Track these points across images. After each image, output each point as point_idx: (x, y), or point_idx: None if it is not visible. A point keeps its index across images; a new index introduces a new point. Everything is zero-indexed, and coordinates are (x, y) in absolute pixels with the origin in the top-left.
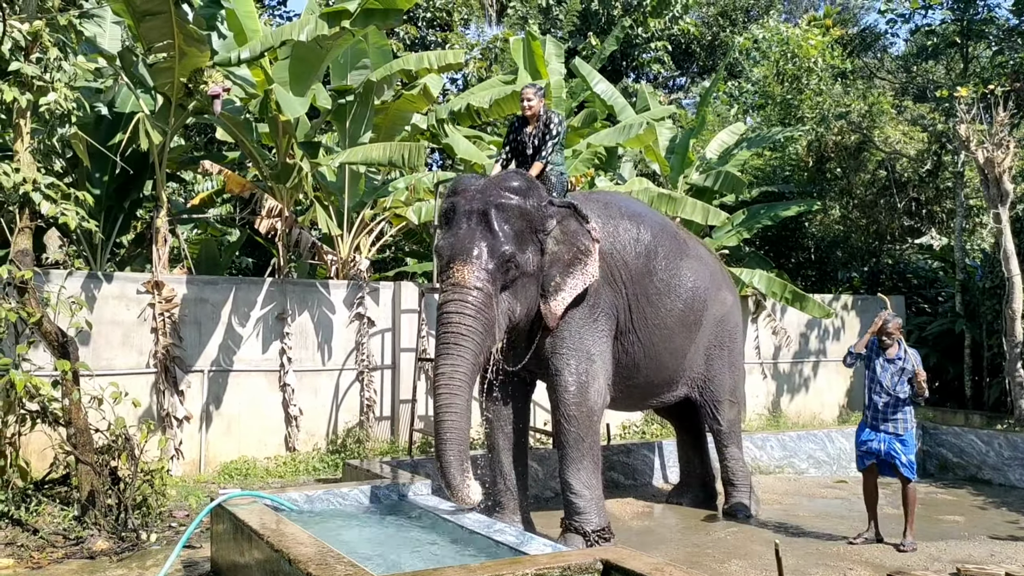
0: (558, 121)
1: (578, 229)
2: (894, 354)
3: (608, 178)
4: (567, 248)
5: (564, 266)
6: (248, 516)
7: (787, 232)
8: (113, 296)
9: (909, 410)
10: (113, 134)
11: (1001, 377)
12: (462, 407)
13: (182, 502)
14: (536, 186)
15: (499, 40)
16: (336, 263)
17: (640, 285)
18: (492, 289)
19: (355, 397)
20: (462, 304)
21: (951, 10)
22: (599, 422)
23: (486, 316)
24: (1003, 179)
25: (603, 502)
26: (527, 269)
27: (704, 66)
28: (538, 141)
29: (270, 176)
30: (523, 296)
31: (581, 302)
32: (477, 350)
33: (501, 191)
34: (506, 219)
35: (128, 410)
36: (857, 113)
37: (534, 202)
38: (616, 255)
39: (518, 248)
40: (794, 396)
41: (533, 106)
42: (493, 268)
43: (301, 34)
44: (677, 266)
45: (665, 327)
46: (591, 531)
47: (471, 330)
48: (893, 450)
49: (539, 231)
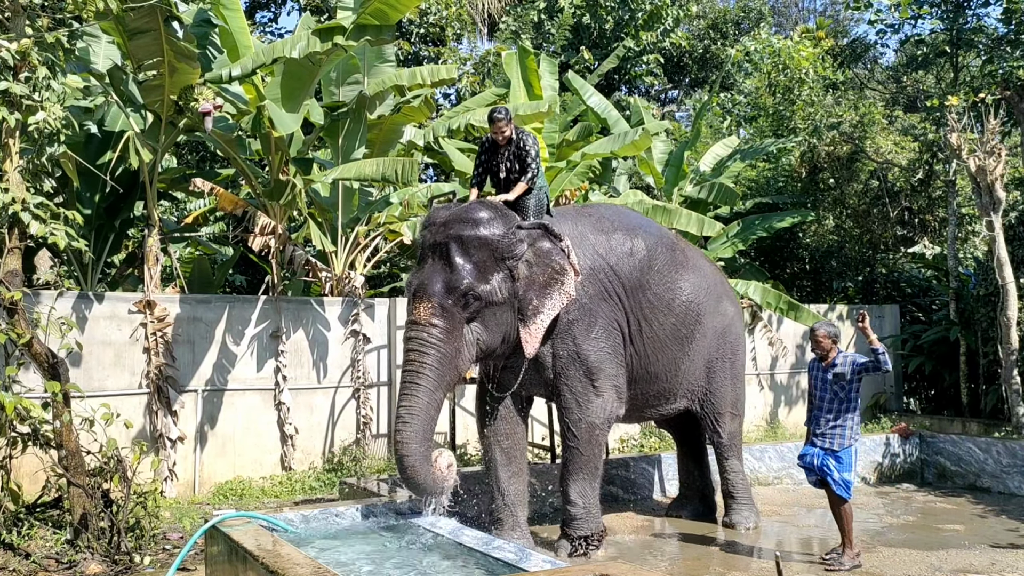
0: (532, 141)
1: (551, 249)
2: (829, 362)
3: (603, 191)
4: (541, 269)
5: (540, 288)
6: (243, 537)
7: (781, 243)
8: (104, 316)
9: (851, 425)
10: (103, 153)
11: (997, 384)
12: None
13: (176, 524)
14: (502, 213)
15: (492, 55)
16: (330, 280)
17: (635, 299)
18: (450, 324)
19: (351, 415)
20: (418, 342)
21: (940, 20)
22: (603, 436)
23: (443, 350)
24: (995, 187)
25: (598, 511)
26: (493, 299)
27: (696, 79)
28: (512, 163)
29: (263, 193)
30: (495, 324)
31: (577, 323)
32: (434, 385)
33: (463, 223)
34: (465, 252)
35: (120, 431)
36: (849, 123)
37: (498, 230)
38: (610, 269)
39: (479, 279)
40: (791, 407)
41: (506, 134)
42: (451, 304)
43: (294, 51)
44: (672, 279)
45: (658, 340)
46: (578, 536)
47: (426, 367)
48: (826, 466)
49: (506, 258)
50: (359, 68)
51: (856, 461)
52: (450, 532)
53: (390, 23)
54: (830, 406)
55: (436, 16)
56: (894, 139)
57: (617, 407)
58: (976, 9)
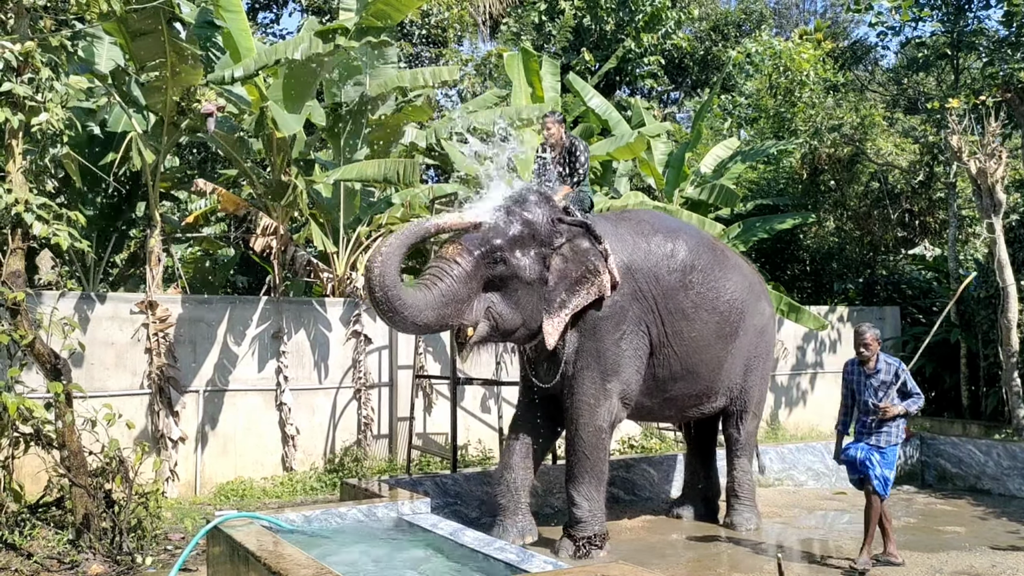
0: (583, 148)
1: (589, 248)
2: (872, 367)
3: (603, 192)
4: (576, 266)
5: (571, 283)
6: (245, 538)
7: (782, 244)
8: (106, 317)
9: (898, 424)
10: (105, 154)
11: (998, 386)
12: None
13: (177, 524)
14: (548, 203)
15: (493, 56)
16: (332, 281)
17: (674, 300)
18: (471, 269)
19: (352, 415)
20: (437, 269)
21: (941, 22)
22: (608, 439)
23: (455, 286)
24: (996, 189)
25: (602, 514)
26: (522, 274)
27: (697, 80)
28: (561, 167)
29: (265, 194)
30: (514, 301)
31: (606, 320)
32: (437, 295)
33: (510, 199)
34: (507, 221)
35: (122, 432)
36: (850, 125)
37: (540, 216)
38: (647, 271)
39: (511, 247)
40: (792, 408)
41: (553, 133)
42: (479, 254)
43: (296, 52)
44: (715, 279)
45: (702, 339)
46: (581, 536)
47: (436, 286)
48: (869, 459)
49: (544, 244)
50: (361, 69)
51: (896, 462)
52: (451, 533)
53: (392, 24)
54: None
55: (438, 17)
56: (894, 141)
57: (620, 412)
58: (977, 11)
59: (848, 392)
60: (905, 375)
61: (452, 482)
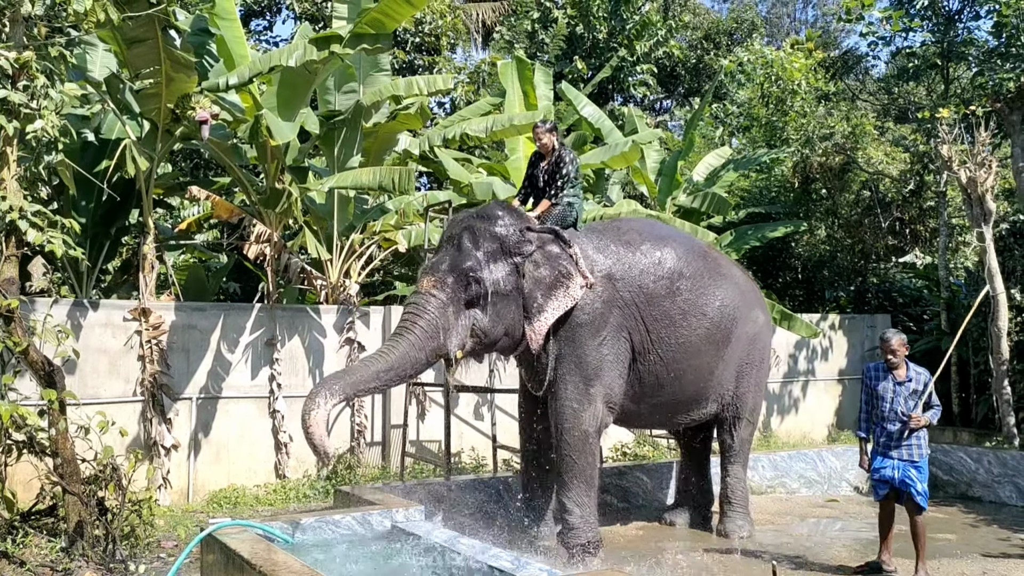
0: (570, 159)
1: (559, 253)
2: (903, 376)
3: (596, 200)
4: (548, 271)
5: (546, 288)
6: (239, 545)
7: (774, 252)
8: (99, 324)
9: (923, 434)
10: (99, 161)
11: (988, 394)
12: (381, 367)
13: (170, 532)
14: (516, 215)
15: (486, 64)
16: (325, 288)
17: (660, 307)
18: (448, 298)
19: (345, 423)
20: (415, 307)
21: (931, 32)
22: (594, 444)
23: (435, 320)
24: (986, 198)
25: (595, 519)
26: (498, 288)
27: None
28: (548, 177)
29: (259, 201)
30: (495, 314)
31: (585, 326)
32: (418, 344)
33: (477, 218)
34: (475, 240)
35: (115, 439)
36: (841, 134)
37: (508, 228)
38: (630, 279)
39: (483, 266)
40: (784, 416)
41: (544, 142)
42: (452, 281)
43: (290, 60)
44: (704, 286)
45: (690, 345)
46: (575, 543)
47: (416, 327)
48: (908, 477)
49: (515, 254)
50: (355, 77)
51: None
52: (446, 540)
53: (386, 32)
54: (904, 417)
55: (431, 26)
56: (885, 150)
57: (606, 416)
58: (967, 22)
59: (869, 397)
60: (931, 387)
61: (446, 489)
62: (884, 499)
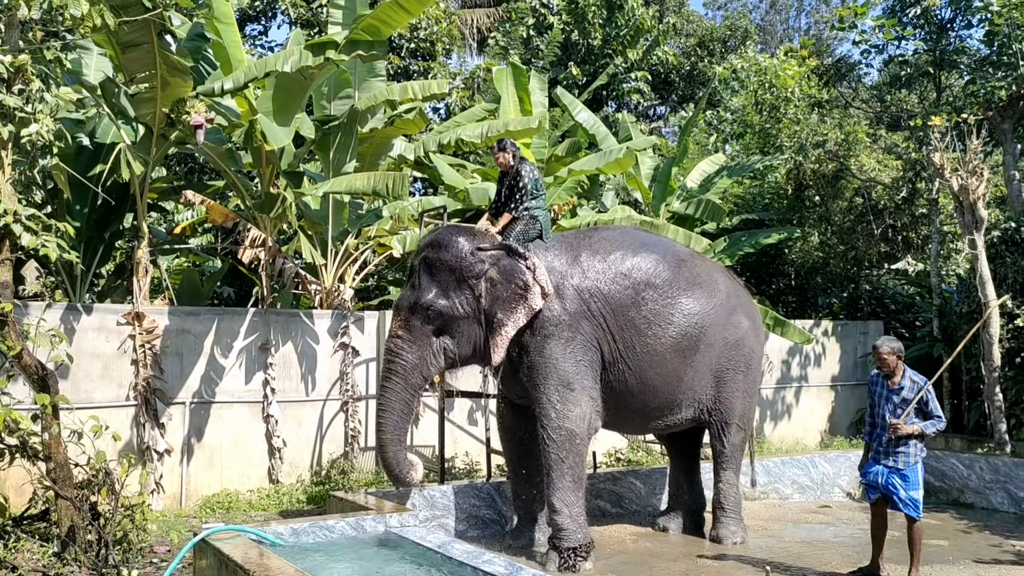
0: (525, 172)
1: (514, 266)
2: (896, 383)
3: (591, 206)
4: (505, 286)
5: (504, 302)
6: (232, 550)
7: (767, 259)
8: (93, 328)
9: (915, 444)
10: (94, 165)
11: (980, 401)
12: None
13: (163, 537)
14: (467, 236)
15: (481, 70)
16: (320, 293)
17: (625, 316)
18: (414, 335)
19: (339, 428)
20: (388, 350)
21: (923, 41)
22: (583, 445)
23: (407, 358)
24: (977, 206)
25: (584, 521)
26: (455, 313)
27: (683, 95)
28: (508, 191)
29: (253, 206)
30: (461, 335)
31: (554, 338)
32: (401, 386)
33: (430, 247)
34: (429, 273)
35: (108, 444)
36: (834, 142)
37: (458, 253)
38: (596, 289)
39: (438, 297)
40: (777, 422)
41: (500, 162)
42: (415, 318)
43: (286, 65)
44: (672, 294)
45: (656, 354)
46: (566, 547)
47: (393, 372)
48: (892, 484)
49: (469, 276)
50: (350, 83)
51: (922, 478)
52: (439, 546)
53: (382, 38)
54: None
55: (426, 31)
56: (877, 157)
57: (595, 419)
58: (959, 30)
59: (870, 404)
60: (929, 395)
61: (440, 495)
62: (875, 504)
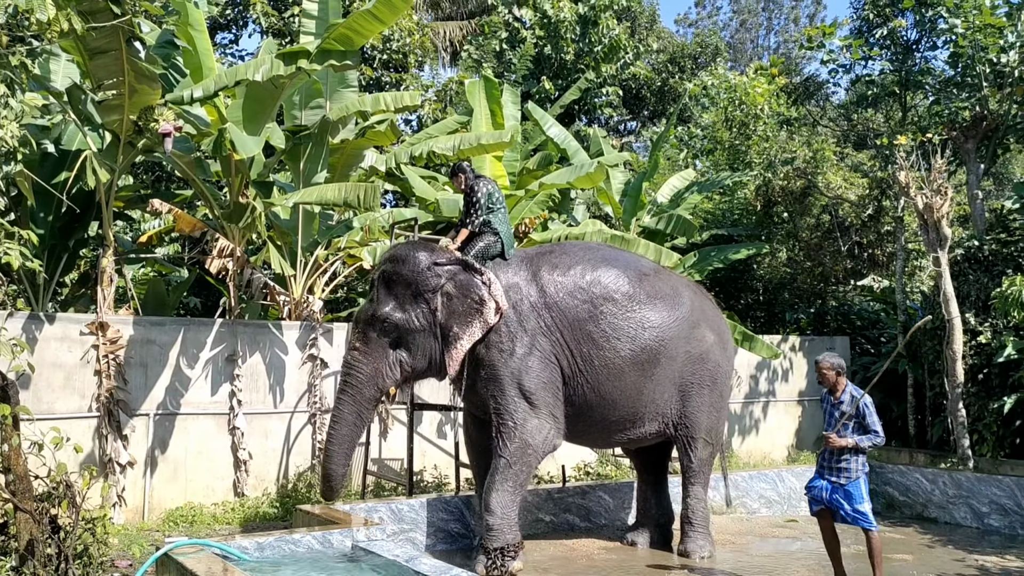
0: (479, 187)
1: (470, 282)
2: (838, 398)
3: (561, 220)
4: (460, 300)
5: (460, 316)
6: (195, 565)
7: (736, 274)
8: (55, 337)
9: (855, 459)
10: (59, 172)
11: (943, 416)
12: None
13: (125, 551)
14: (426, 251)
15: (454, 82)
16: (289, 304)
17: (583, 330)
18: (370, 348)
19: (307, 440)
20: (345, 363)
21: (890, 61)
22: (535, 458)
23: (363, 371)
24: (941, 224)
25: (516, 523)
26: (411, 326)
27: (654, 111)
28: (464, 208)
29: (222, 215)
30: (417, 348)
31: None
32: (353, 399)
33: (388, 262)
34: (386, 286)
35: (70, 456)
36: (802, 159)
37: (415, 268)
38: (553, 304)
39: (395, 311)
40: (745, 436)
41: (457, 186)
42: (372, 331)
43: (257, 74)
44: (631, 308)
45: (614, 367)
46: (494, 547)
47: (348, 385)
48: (835, 500)
49: (425, 290)
50: (322, 93)
51: (867, 490)
52: (408, 560)
53: (354, 48)
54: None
55: (399, 43)
56: (843, 175)
57: (554, 436)
58: (924, 52)
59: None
60: (866, 410)
61: (408, 508)
62: (817, 514)
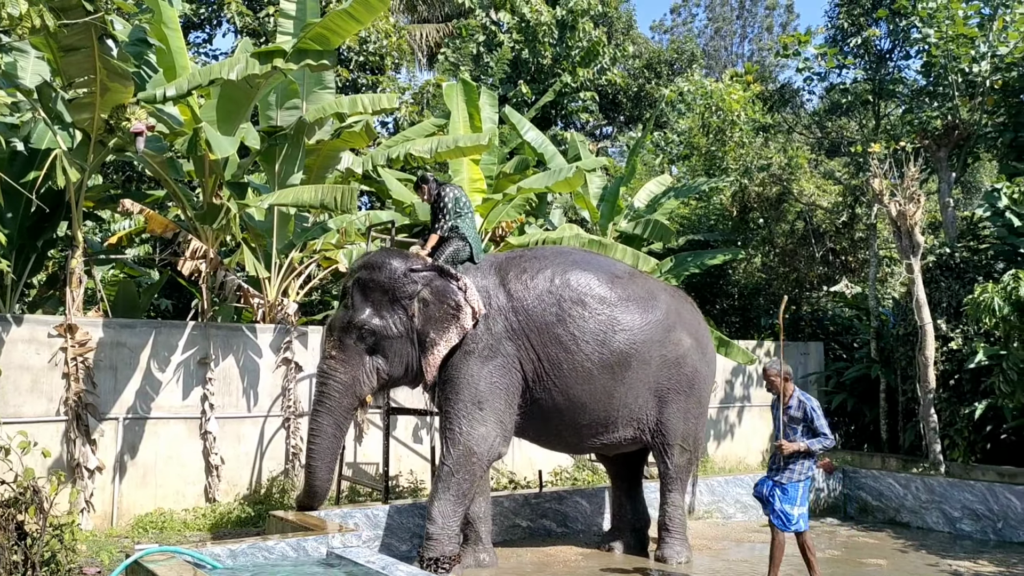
0: (445, 193)
1: (446, 288)
2: (787, 403)
3: (538, 224)
4: (437, 306)
5: (436, 322)
6: (166, 573)
7: (712, 279)
8: (23, 340)
9: (803, 462)
10: (28, 171)
11: (915, 421)
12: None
13: (93, 558)
14: (400, 257)
15: (431, 85)
16: (263, 306)
17: (550, 333)
18: (347, 355)
19: (280, 445)
20: (321, 372)
21: (863, 70)
22: (479, 466)
23: (340, 379)
24: (914, 231)
25: (456, 535)
26: (388, 333)
27: (630, 116)
28: (432, 214)
29: (195, 216)
30: (394, 355)
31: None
32: (332, 408)
33: (364, 269)
34: (363, 293)
35: (37, 460)
36: (778, 165)
37: (391, 274)
38: (520, 308)
39: (372, 317)
40: (721, 441)
41: (423, 198)
42: (347, 338)
43: (232, 73)
44: (601, 311)
45: (582, 370)
46: (429, 557)
47: (325, 394)
48: (772, 496)
49: (402, 297)
50: (298, 93)
51: (804, 496)
52: (383, 567)
53: (331, 48)
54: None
55: (376, 45)
56: (816, 183)
57: (500, 444)
58: (897, 61)
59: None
60: (814, 414)
61: (384, 514)
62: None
